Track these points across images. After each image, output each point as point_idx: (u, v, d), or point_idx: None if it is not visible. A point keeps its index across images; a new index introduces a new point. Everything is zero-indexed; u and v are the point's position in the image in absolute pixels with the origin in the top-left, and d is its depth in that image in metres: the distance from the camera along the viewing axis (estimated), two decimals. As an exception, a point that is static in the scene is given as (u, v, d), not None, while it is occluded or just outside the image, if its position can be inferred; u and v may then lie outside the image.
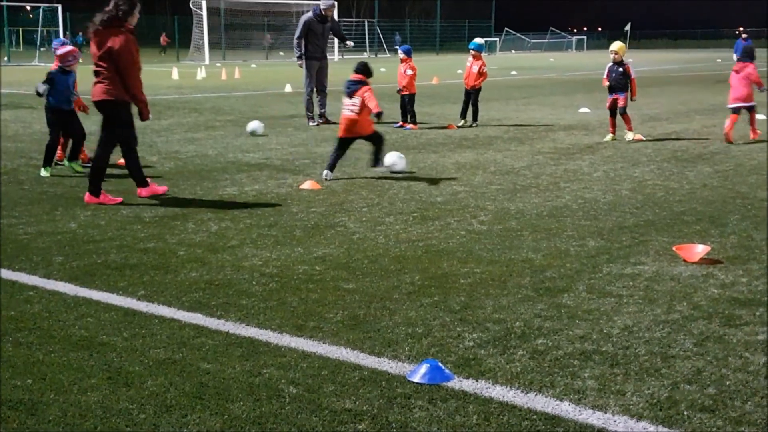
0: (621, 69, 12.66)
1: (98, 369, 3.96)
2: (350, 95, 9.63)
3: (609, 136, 12.92)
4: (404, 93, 14.95)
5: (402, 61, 15.22)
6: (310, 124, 14.96)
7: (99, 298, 5.06)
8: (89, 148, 9.96)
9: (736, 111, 12.50)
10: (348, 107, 9.57)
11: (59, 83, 9.53)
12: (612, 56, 12.70)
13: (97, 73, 7.82)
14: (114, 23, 7.68)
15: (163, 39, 61.11)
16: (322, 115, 15.21)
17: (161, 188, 8.46)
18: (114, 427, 3.37)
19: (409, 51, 15.40)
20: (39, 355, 4.14)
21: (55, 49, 9.90)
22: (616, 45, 12.81)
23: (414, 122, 14.84)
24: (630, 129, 12.84)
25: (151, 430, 3.36)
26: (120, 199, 8.01)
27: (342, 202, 8.10)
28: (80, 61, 10.07)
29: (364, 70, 9.98)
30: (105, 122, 7.96)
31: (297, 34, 15.09)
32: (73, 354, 4.15)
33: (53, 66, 9.78)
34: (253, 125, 13.57)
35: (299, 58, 15.08)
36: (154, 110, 17.52)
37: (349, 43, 17.11)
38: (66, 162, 9.89)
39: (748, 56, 12.63)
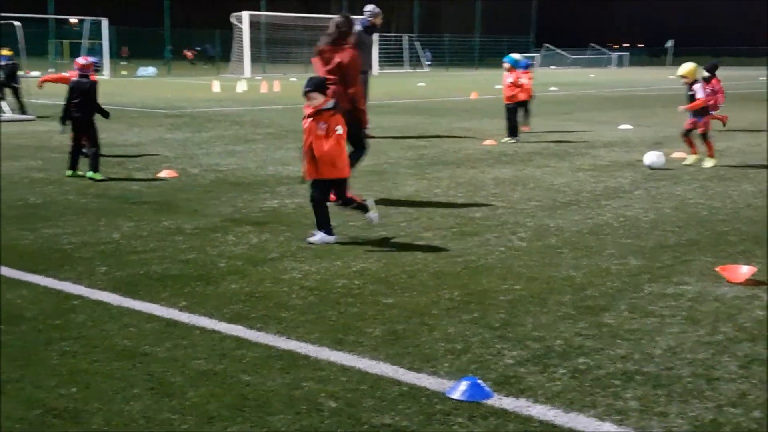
0: (692, 92, 11.80)
1: (141, 379, 4.01)
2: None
3: (691, 158, 12.04)
4: (510, 102, 14.93)
5: (509, 71, 15.07)
6: None
7: (141, 308, 5.12)
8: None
9: None
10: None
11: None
12: (682, 80, 11.94)
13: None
14: (338, 42, 8.55)
15: (190, 53, 62.01)
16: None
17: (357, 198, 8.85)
18: (156, 437, 3.41)
19: (516, 62, 15.27)
20: (83, 364, 4.20)
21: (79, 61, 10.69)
22: (684, 69, 11.93)
23: (516, 134, 14.92)
24: (711, 155, 11.83)
25: (192, 441, 3.39)
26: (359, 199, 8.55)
27: (381, 216, 8.10)
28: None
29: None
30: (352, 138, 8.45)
31: None
32: (117, 363, 4.20)
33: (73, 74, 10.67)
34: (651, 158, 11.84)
35: None
36: (194, 123, 17.80)
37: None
38: (68, 172, 10.34)
39: None
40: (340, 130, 6.83)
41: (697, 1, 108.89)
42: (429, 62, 63.26)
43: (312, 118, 6.83)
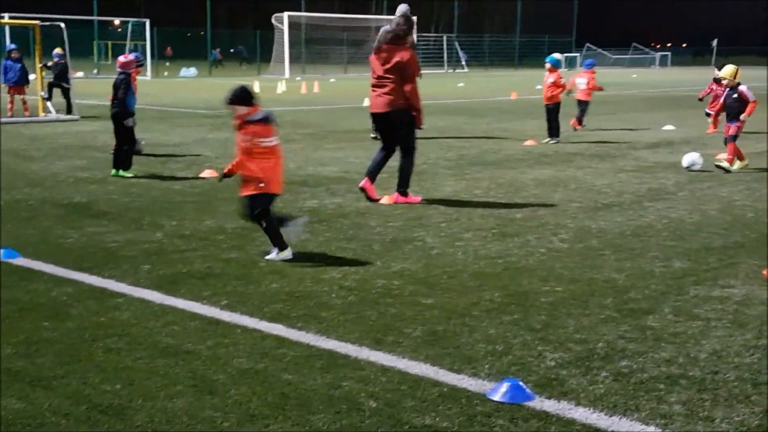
0: (735, 95, 11.44)
1: (183, 376, 4.05)
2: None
3: (738, 164, 11.61)
4: (551, 102, 14.80)
5: (550, 71, 14.89)
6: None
7: (184, 306, 5.17)
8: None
9: None
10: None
11: (132, 87, 10.52)
12: (723, 82, 11.63)
13: (380, 86, 8.77)
14: (397, 42, 8.70)
15: (219, 55, 62.33)
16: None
17: (416, 198, 8.99)
18: (199, 434, 3.44)
19: (557, 62, 15.13)
20: (127, 361, 4.25)
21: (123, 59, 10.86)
22: (726, 71, 11.64)
23: (556, 134, 14.81)
24: (730, 161, 11.40)
25: (234, 439, 3.41)
26: (419, 199, 8.91)
27: (420, 216, 8.11)
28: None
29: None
30: (395, 131, 8.88)
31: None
32: (160, 361, 4.25)
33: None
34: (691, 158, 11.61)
35: None
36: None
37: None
38: (116, 173, 10.40)
39: None
40: (271, 141, 6.37)
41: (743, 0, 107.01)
42: (465, 62, 62.90)
43: (239, 130, 6.34)
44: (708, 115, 16.02)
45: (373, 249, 6.75)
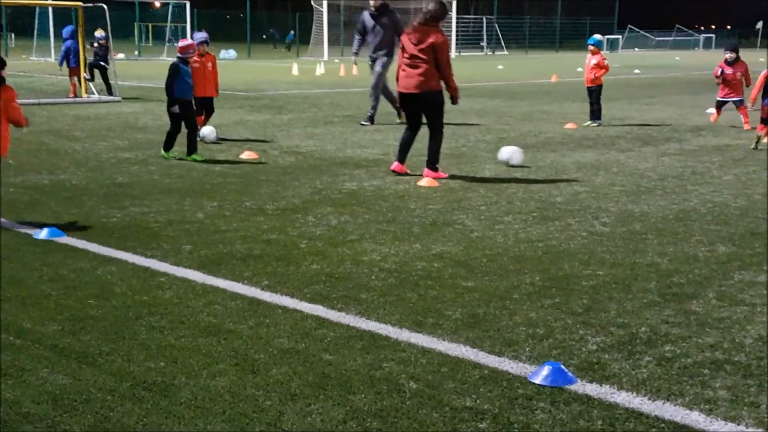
0: None
1: (225, 355, 4.09)
2: None
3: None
4: (593, 85, 14.51)
5: (592, 53, 14.53)
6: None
7: (225, 286, 5.22)
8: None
9: None
10: None
11: (184, 74, 10.21)
12: None
13: (413, 66, 8.95)
14: (430, 23, 8.93)
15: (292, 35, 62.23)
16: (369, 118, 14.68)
17: (444, 174, 9.28)
18: (241, 412, 3.47)
19: (599, 43, 14.80)
20: (170, 339, 4.30)
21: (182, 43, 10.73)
22: None
23: (599, 117, 14.59)
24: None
25: (276, 417, 3.44)
26: (446, 174, 9.27)
27: (460, 199, 8.07)
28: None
29: None
30: (426, 112, 9.17)
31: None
32: (202, 339, 4.29)
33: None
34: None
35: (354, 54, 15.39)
36: (274, 105, 18.02)
37: None
38: (186, 156, 10.31)
39: None
40: None
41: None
42: (484, 44, 61.64)
43: None
44: (720, 104, 14.52)
45: (412, 231, 6.74)
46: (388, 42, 14.49)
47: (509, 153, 10.17)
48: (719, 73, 14.35)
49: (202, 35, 12.16)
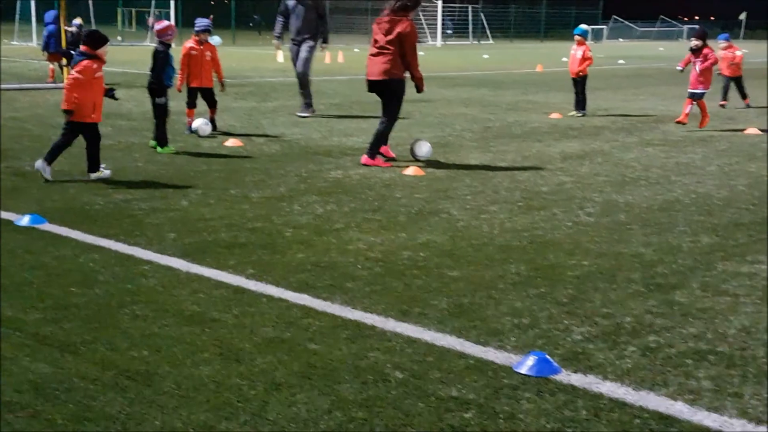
0: None
1: (210, 344, 4.07)
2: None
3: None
4: (576, 77, 14.54)
5: (578, 44, 14.58)
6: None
7: (210, 275, 5.19)
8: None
9: None
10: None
11: (171, 60, 9.90)
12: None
13: (380, 54, 9.11)
14: (399, 14, 9.05)
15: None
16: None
17: (386, 163, 9.36)
18: (226, 402, 3.46)
19: (586, 33, 14.85)
20: (154, 327, 4.27)
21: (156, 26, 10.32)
22: None
23: (583, 107, 14.63)
24: None
25: (261, 407, 3.42)
26: (389, 164, 9.29)
27: (446, 189, 8.06)
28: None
29: (88, 39, 8.29)
30: (384, 97, 9.34)
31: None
32: (186, 328, 4.27)
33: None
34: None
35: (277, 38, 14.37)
36: (259, 92, 17.91)
37: (323, 44, 14.18)
38: (154, 145, 9.93)
39: None
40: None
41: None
42: (449, 32, 60.75)
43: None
44: (694, 96, 12.73)
45: (398, 220, 6.73)
46: (311, 25, 13.54)
47: (428, 149, 9.74)
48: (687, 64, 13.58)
49: (204, 22, 11.41)
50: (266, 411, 3.39)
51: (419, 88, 9.32)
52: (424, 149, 9.72)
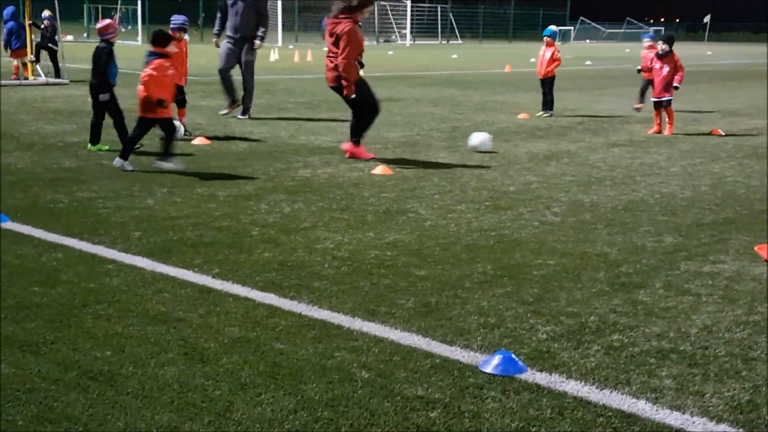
0: None
1: (175, 344, 4.03)
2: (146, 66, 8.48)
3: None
4: (544, 77, 14.63)
5: (547, 45, 14.67)
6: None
7: (175, 274, 5.15)
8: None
9: None
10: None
11: (114, 57, 9.41)
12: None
13: (329, 59, 9.15)
14: (340, 15, 8.98)
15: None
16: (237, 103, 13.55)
17: (369, 155, 9.49)
18: (190, 402, 3.43)
19: (555, 34, 14.98)
20: (118, 327, 4.23)
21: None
22: None
23: (551, 108, 14.74)
24: None
25: (226, 407, 3.40)
26: (372, 155, 9.49)
27: (413, 188, 8.08)
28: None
29: (158, 39, 8.65)
30: (347, 102, 9.34)
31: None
32: (151, 328, 4.23)
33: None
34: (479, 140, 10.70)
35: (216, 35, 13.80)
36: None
37: (257, 42, 13.26)
38: (89, 146, 9.74)
39: None
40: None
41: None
42: (399, 35, 59.16)
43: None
44: (661, 105, 12.52)
45: (366, 219, 6.73)
46: (249, 23, 12.95)
47: (480, 139, 10.48)
48: (649, 64, 13.34)
49: (179, 19, 11.06)
50: (231, 411, 3.37)
51: (346, 89, 9.06)
52: (477, 140, 10.35)
